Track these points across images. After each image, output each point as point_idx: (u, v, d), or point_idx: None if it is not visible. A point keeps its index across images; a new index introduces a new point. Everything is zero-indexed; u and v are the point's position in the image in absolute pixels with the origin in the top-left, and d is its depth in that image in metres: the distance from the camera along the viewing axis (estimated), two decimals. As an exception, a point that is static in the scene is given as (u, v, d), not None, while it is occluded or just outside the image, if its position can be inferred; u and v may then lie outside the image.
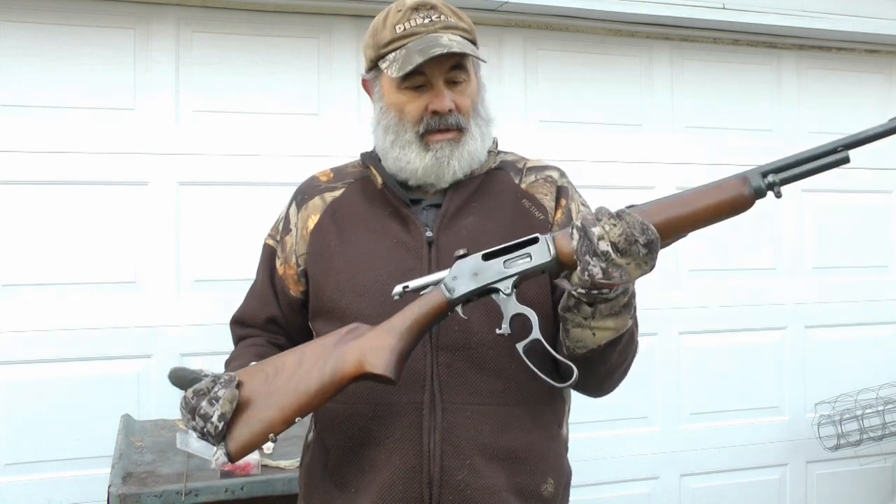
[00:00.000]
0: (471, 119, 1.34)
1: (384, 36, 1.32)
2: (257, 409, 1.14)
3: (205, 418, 1.12)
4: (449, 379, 1.25)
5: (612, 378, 1.29)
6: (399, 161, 1.34)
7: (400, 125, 1.34)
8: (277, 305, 1.43)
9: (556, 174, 1.43)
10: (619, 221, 1.10)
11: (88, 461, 2.63)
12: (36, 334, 2.65)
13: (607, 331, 1.17)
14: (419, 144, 1.32)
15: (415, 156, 1.33)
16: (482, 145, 1.36)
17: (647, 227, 1.10)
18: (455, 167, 1.33)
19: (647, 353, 3.26)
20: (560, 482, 1.33)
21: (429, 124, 1.31)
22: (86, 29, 2.71)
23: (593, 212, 1.13)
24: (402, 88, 1.32)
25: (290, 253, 1.42)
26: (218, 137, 2.82)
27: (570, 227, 1.13)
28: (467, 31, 1.34)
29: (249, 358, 1.33)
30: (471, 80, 1.34)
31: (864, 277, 3.60)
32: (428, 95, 1.31)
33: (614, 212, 1.12)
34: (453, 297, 1.15)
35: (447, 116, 1.31)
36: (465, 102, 1.33)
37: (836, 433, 3.32)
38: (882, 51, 3.62)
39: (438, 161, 1.32)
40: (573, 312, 1.16)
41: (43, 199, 2.66)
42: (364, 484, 1.26)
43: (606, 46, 3.27)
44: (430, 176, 1.33)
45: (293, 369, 1.15)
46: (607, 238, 1.09)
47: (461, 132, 1.33)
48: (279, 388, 1.14)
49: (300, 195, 1.45)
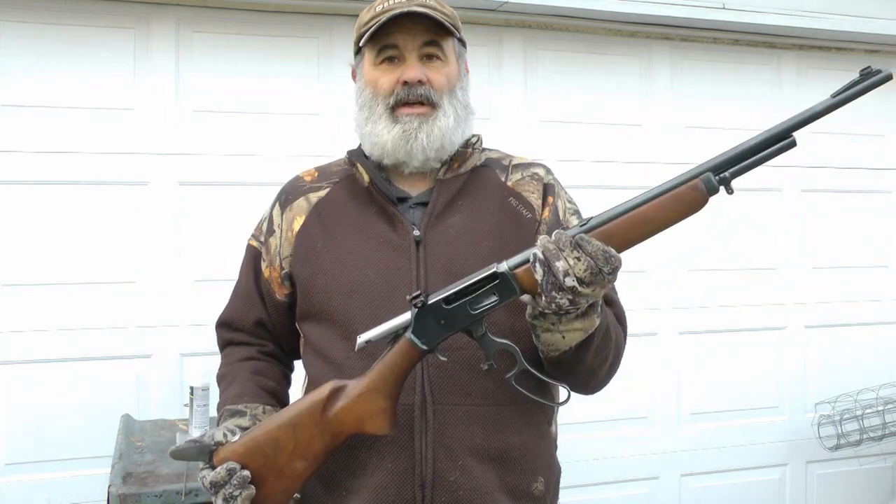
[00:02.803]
0: (444, 96, 1.33)
1: (364, 17, 1.37)
2: (270, 485, 1.18)
3: (227, 501, 1.17)
4: (439, 380, 1.25)
5: (596, 377, 1.28)
6: (371, 136, 1.35)
7: (373, 100, 1.35)
8: (264, 308, 1.43)
9: (542, 171, 1.42)
10: (582, 255, 1.07)
11: (88, 461, 2.63)
12: (36, 334, 2.65)
13: (576, 331, 1.16)
14: (388, 117, 1.33)
15: (383, 128, 1.33)
16: (455, 126, 1.34)
17: (611, 255, 1.08)
18: (423, 141, 1.31)
19: (647, 353, 3.26)
20: (550, 480, 1.33)
21: (398, 95, 1.32)
22: (86, 29, 2.71)
23: (552, 238, 1.09)
24: (377, 64, 1.34)
25: (274, 255, 1.41)
26: (218, 137, 2.82)
27: (531, 257, 1.09)
28: (447, 15, 1.35)
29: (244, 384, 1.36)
30: (448, 61, 1.35)
31: (864, 277, 3.60)
32: (401, 69, 1.32)
33: (574, 238, 1.09)
34: (428, 348, 1.16)
35: (416, 87, 1.31)
36: (439, 78, 1.33)
37: (836, 433, 3.32)
38: (882, 51, 3.62)
39: (406, 134, 1.31)
40: (540, 320, 1.16)
41: (43, 199, 2.66)
42: (356, 486, 1.26)
43: (606, 46, 3.27)
44: (398, 151, 1.32)
45: (290, 444, 1.18)
46: (572, 273, 1.07)
47: (433, 108, 1.32)
48: (284, 465, 1.18)
49: (284, 196, 1.45)
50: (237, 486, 1.15)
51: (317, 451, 1.18)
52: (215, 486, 1.16)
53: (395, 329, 1.16)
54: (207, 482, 1.17)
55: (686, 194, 1.11)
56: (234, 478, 1.16)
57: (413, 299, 1.14)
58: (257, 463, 1.17)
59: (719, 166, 1.11)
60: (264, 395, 1.36)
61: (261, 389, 1.36)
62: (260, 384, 1.37)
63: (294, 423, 1.18)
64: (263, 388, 1.37)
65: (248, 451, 1.18)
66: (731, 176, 1.11)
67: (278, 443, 1.17)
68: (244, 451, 1.18)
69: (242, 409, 1.31)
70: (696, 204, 1.11)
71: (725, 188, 1.11)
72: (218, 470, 1.16)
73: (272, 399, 1.37)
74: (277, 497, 1.19)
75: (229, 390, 1.37)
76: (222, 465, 1.16)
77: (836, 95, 1.11)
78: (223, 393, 1.38)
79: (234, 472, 1.16)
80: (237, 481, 1.15)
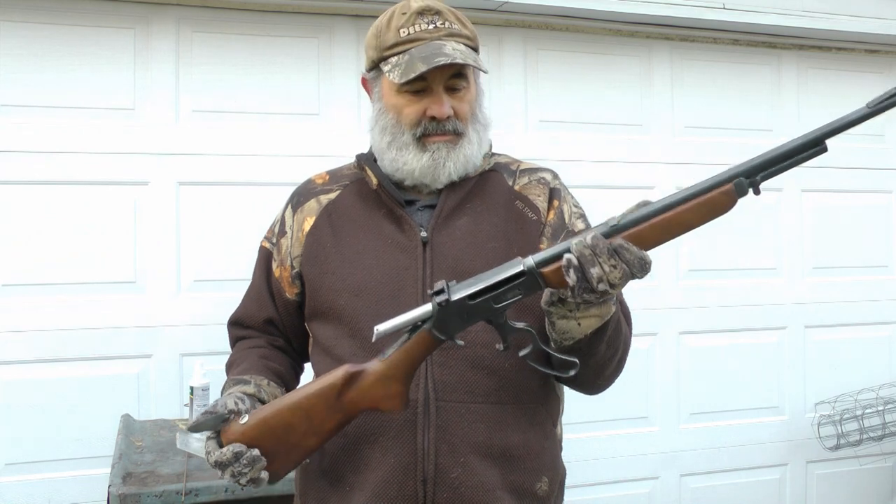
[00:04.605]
0: (469, 124, 1.35)
1: (388, 38, 1.33)
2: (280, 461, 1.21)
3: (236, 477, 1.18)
4: (444, 378, 1.26)
5: (605, 372, 1.29)
6: (396, 162, 1.36)
7: (397, 127, 1.35)
8: (274, 307, 1.45)
9: (548, 176, 1.44)
10: (618, 262, 1.09)
11: (88, 461, 2.63)
12: (36, 334, 2.65)
13: (592, 318, 1.17)
14: (416, 146, 1.34)
15: (412, 157, 1.34)
16: (479, 149, 1.38)
17: (646, 262, 1.11)
18: (451, 169, 1.34)
19: (647, 353, 3.27)
20: (555, 481, 1.34)
21: (426, 128, 1.33)
22: (86, 29, 2.71)
23: (588, 242, 1.09)
24: (401, 91, 1.33)
25: (285, 255, 1.43)
26: (218, 137, 2.82)
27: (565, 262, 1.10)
28: (470, 38, 1.35)
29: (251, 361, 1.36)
30: (470, 86, 1.35)
31: (864, 277, 3.60)
32: (427, 100, 1.32)
33: (612, 246, 1.09)
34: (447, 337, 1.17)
35: (445, 123, 1.32)
36: (464, 109, 1.34)
37: (836, 433, 3.32)
38: (882, 51, 3.62)
39: (435, 162, 1.33)
40: (557, 307, 1.17)
41: (43, 199, 2.66)
42: (359, 482, 1.27)
43: (606, 46, 3.27)
44: (426, 176, 1.35)
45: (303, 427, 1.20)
46: (606, 280, 1.09)
47: (459, 136, 1.34)
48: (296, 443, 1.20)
49: (296, 198, 1.47)
50: (246, 465, 1.17)
51: (330, 428, 1.21)
52: (220, 466, 1.18)
53: (414, 321, 1.16)
54: (213, 459, 1.18)
55: (718, 199, 1.12)
56: (244, 458, 1.16)
57: (436, 294, 1.15)
58: (269, 444, 1.19)
59: (751, 171, 1.12)
60: (270, 374, 1.37)
61: (267, 369, 1.38)
62: (267, 366, 1.39)
63: (307, 408, 1.20)
64: (270, 368, 1.39)
65: (260, 434, 1.19)
66: (761, 180, 1.12)
67: (291, 426, 1.19)
68: (255, 435, 1.19)
69: (247, 378, 1.32)
70: (726, 207, 1.13)
71: (754, 190, 1.13)
72: (224, 451, 1.17)
73: (278, 379, 1.38)
74: (288, 468, 1.22)
75: (235, 370, 1.38)
76: (229, 446, 1.17)
77: (871, 105, 1.11)
78: (229, 374, 1.39)
79: (240, 455, 1.17)
80: (247, 461, 1.17)
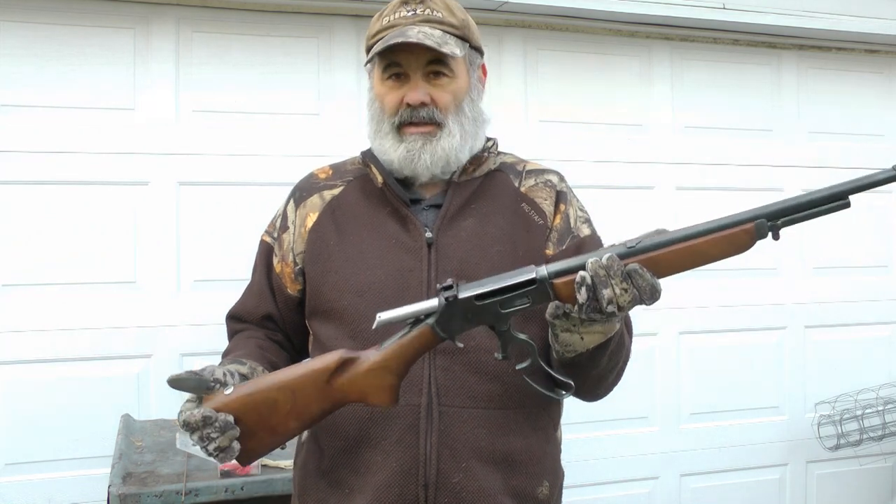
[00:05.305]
0: (450, 115, 1.33)
1: (373, 28, 1.36)
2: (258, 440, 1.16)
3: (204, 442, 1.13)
4: (446, 382, 1.25)
5: (604, 382, 1.29)
6: (380, 151, 1.36)
7: (381, 115, 1.35)
8: (274, 303, 1.43)
9: (555, 178, 1.42)
10: (630, 287, 1.08)
11: (88, 461, 2.63)
12: (36, 334, 2.64)
13: (596, 334, 1.16)
14: (394, 136, 1.34)
15: (390, 146, 1.34)
16: (462, 143, 1.34)
17: (657, 290, 1.09)
18: (427, 162, 1.32)
19: (647, 353, 3.26)
20: (555, 485, 1.34)
21: (402, 116, 1.32)
22: (86, 29, 2.71)
23: (603, 262, 1.08)
24: (384, 79, 1.34)
25: (287, 251, 1.41)
26: (218, 137, 2.82)
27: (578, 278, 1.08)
28: (455, 26, 1.33)
29: (249, 349, 1.34)
30: (456, 76, 1.33)
31: (864, 277, 3.60)
32: (406, 87, 1.32)
33: (627, 269, 1.08)
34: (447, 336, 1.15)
35: (419, 109, 1.31)
36: (444, 98, 1.32)
37: (836, 433, 3.32)
38: (882, 51, 3.62)
39: (410, 154, 1.32)
40: (561, 320, 1.16)
41: (43, 199, 2.66)
42: (360, 485, 1.26)
43: (606, 46, 3.27)
44: (405, 168, 1.34)
45: (287, 406, 1.16)
46: (615, 302, 1.07)
47: (437, 127, 1.32)
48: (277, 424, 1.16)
49: (298, 192, 1.45)
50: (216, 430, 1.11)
51: (314, 414, 1.17)
52: (188, 427, 1.12)
53: (417, 314, 1.14)
54: (182, 418, 1.13)
55: (738, 237, 1.12)
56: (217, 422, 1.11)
57: (444, 289, 1.13)
58: (250, 419, 1.15)
59: (774, 214, 1.12)
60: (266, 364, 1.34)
61: (264, 359, 1.34)
62: (264, 356, 1.35)
63: (294, 388, 1.16)
64: (267, 359, 1.35)
65: (243, 407, 1.15)
66: (781, 225, 1.12)
67: (276, 404, 1.15)
68: (237, 407, 1.14)
69: (243, 360, 1.28)
70: (745, 246, 1.12)
71: (773, 235, 1.12)
72: (195, 411, 1.12)
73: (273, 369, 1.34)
74: (263, 450, 1.18)
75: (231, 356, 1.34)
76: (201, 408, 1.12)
77: None
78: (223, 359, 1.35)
79: (210, 420, 1.11)
80: (219, 425, 1.11)
